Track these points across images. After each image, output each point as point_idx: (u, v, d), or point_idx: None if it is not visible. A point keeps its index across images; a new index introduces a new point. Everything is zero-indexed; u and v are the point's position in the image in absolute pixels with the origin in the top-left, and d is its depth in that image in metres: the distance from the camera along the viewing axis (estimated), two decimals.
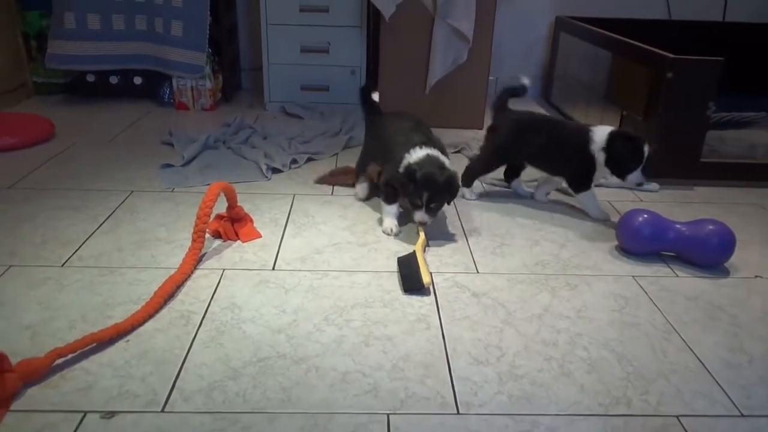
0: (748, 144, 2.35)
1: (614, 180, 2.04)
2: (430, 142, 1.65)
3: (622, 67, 2.24)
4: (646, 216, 1.56)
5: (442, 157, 1.60)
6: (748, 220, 1.80)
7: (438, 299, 1.35)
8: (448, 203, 1.61)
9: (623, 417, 1.02)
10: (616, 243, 1.61)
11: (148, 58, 2.75)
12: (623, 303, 1.36)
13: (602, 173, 1.74)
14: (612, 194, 1.97)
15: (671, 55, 1.92)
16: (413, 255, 1.45)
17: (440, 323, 1.26)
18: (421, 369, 1.12)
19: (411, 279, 1.38)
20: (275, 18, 2.65)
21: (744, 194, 2.01)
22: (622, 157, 1.67)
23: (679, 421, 1.02)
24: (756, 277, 1.49)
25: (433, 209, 1.57)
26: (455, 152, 2.30)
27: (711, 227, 1.50)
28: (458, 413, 1.02)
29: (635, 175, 1.67)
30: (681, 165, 2.03)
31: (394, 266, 1.47)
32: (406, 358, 1.15)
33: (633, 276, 1.47)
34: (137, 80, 2.83)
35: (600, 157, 1.70)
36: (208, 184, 1.62)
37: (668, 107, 1.95)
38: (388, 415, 1.01)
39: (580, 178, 1.77)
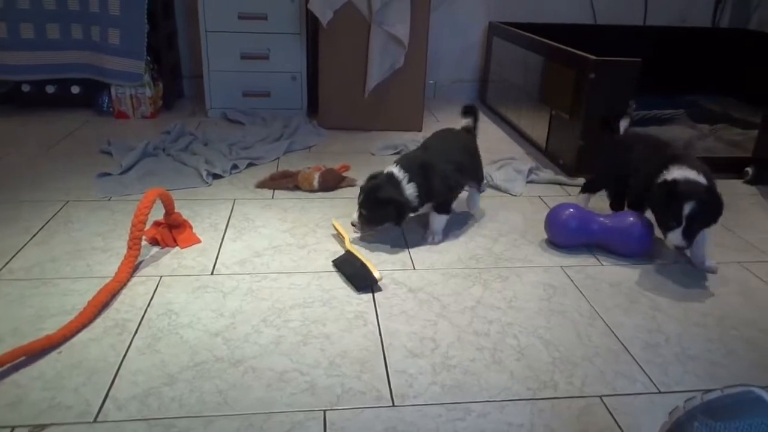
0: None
1: (545, 175, 2.10)
2: (687, 159, 1.47)
3: (551, 69, 2.31)
4: (572, 210, 1.60)
5: (701, 177, 1.41)
6: None
7: (375, 296, 1.35)
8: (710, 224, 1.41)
9: (550, 400, 1.05)
10: (545, 236, 1.65)
11: (85, 67, 2.66)
12: (551, 292, 1.39)
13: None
14: (541, 189, 2.02)
15: (593, 57, 1.98)
16: (351, 255, 1.45)
17: (377, 319, 1.26)
18: (357, 365, 1.12)
19: (362, 277, 1.37)
20: (214, 25, 2.61)
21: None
22: (658, 208, 1.43)
23: (602, 400, 1.05)
24: (675, 262, 1.55)
25: (693, 231, 1.37)
26: (395, 153, 2.32)
27: (631, 219, 1.56)
28: (393, 405, 1.02)
29: (673, 235, 1.37)
30: None
31: (333, 267, 1.47)
32: (344, 354, 1.15)
33: (561, 266, 1.51)
34: (75, 89, 2.74)
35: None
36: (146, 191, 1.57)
37: (591, 106, 2.01)
38: (324, 411, 1.00)
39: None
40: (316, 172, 1.93)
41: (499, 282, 1.43)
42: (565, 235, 1.59)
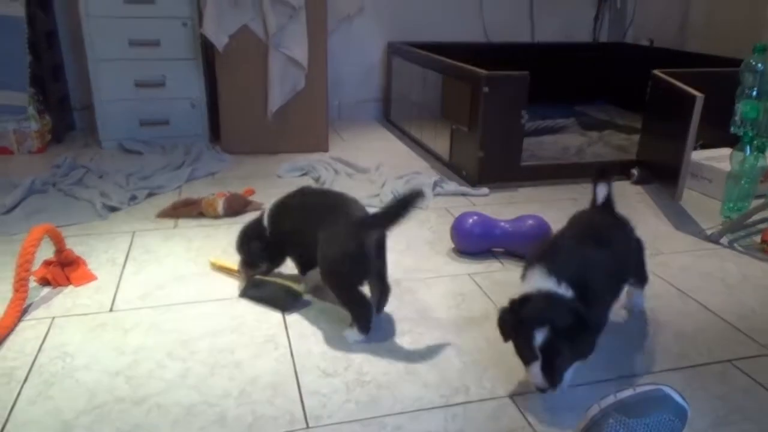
0: (562, 147, 2.59)
1: (449, 187, 2.16)
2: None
3: (448, 85, 2.39)
4: (476, 217, 1.66)
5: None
6: (565, 212, 1.95)
7: (286, 318, 1.33)
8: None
9: (462, 405, 1.07)
10: (452, 246, 1.70)
11: None
12: (460, 299, 1.43)
13: None
14: (447, 201, 2.08)
15: (485, 72, 2.08)
16: (261, 281, 1.42)
17: (288, 341, 1.24)
18: (269, 390, 1.10)
19: (282, 300, 1.35)
20: (103, 53, 2.51)
21: (560, 191, 2.21)
22: (505, 332, 1.07)
23: (512, 400, 1.08)
24: None
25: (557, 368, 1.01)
26: (302, 174, 2.31)
27: (531, 222, 1.63)
28: (307, 427, 1.01)
29: (531, 372, 1.02)
30: (505, 169, 2.20)
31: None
32: (254, 381, 1.12)
33: (468, 274, 1.55)
34: None
35: None
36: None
37: (487, 118, 2.10)
38: None
39: None
40: (220, 198, 1.89)
41: (409, 294, 1.44)
42: (471, 242, 1.64)
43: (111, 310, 1.35)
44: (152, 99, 2.62)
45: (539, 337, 0.99)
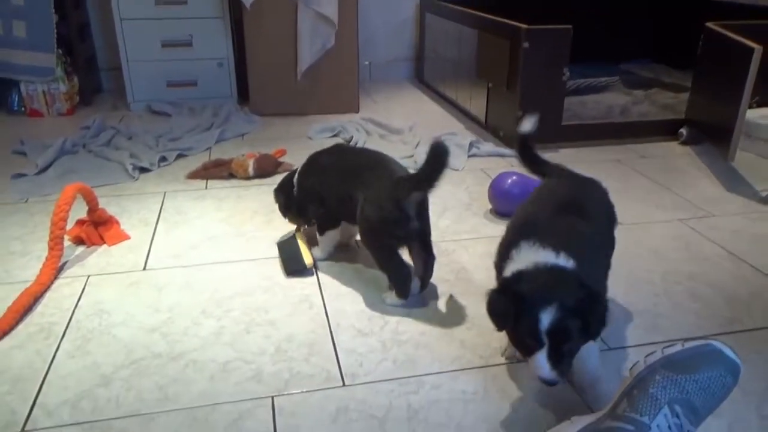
0: (606, 106, 2.53)
1: (486, 148, 2.13)
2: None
3: (486, 42, 2.34)
4: (514, 177, 1.63)
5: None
6: (608, 173, 1.94)
7: (320, 278, 1.34)
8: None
9: (502, 366, 1.07)
10: (490, 207, 1.68)
11: None
12: None
13: None
14: (483, 162, 2.05)
15: (525, 26, 2.02)
16: (293, 238, 1.44)
17: (323, 301, 1.25)
18: (305, 348, 1.11)
19: (292, 261, 1.36)
20: (129, 12, 2.52)
21: (603, 152, 2.16)
22: (498, 319, 0.92)
23: None
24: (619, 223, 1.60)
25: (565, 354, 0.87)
26: (333, 135, 2.30)
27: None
28: (344, 385, 1.02)
29: (535, 363, 0.86)
30: (545, 130, 2.13)
31: (274, 253, 1.44)
32: (290, 339, 1.13)
33: None
34: None
35: None
36: None
37: (528, 76, 2.05)
38: (272, 397, 0.99)
39: None
40: (250, 158, 1.89)
41: (446, 256, 1.44)
42: (509, 203, 1.62)
43: (144, 268, 1.38)
44: (179, 59, 2.63)
45: (546, 319, 0.83)
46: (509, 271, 0.92)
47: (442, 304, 1.25)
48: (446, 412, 0.96)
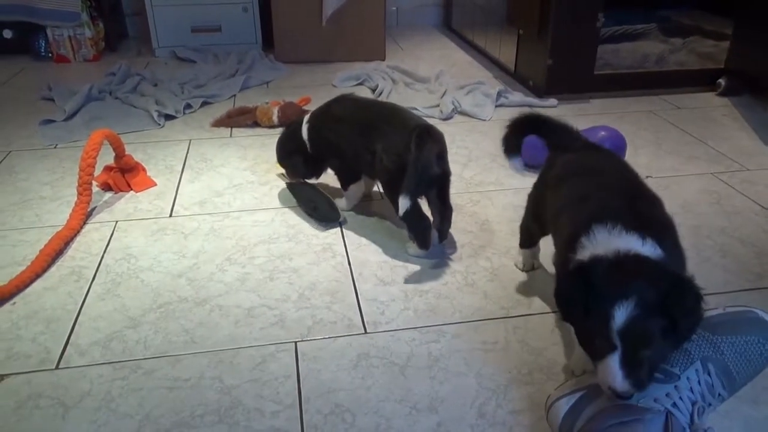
0: (641, 55, 2.44)
1: (514, 98, 2.08)
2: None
3: None
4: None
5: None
6: (640, 125, 1.89)
7: (343, 228, 1.34)
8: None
9: (524, 317, 1.07)
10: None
11: (15, 8, 2.52)
12: (523, 213, 1.40)
13: None
14: (511, 112, 2.00)
15: None
16: (310, 186, 1.42)
17: (346, 250, 1.26)
18: (327, 296, 1.13)
19: (324, 207, 1.34)
20: None
21: (636, 102, 2.09)
22: (568, 314, 0.83)
23: None
24: (647, 177, 1.57)
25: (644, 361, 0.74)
26: (358, 84, 2.27)
27: (603, 133, 1.56)
28: (366, 332, 1.03)
29: (605, 370, 0.74)
30: (576, 79, 2.09)
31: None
32: (313, 287, 1.15)
33: None
34: (7, 34, 2.60)
35: None
36: None
37: (559, 22, 1.98)
38: (295, 342, 1.01)
39: None
40: (275, 106, 1.88)
41: (470, 206, 1.43)
42: (537, 154, 1.59)
43: (171, 215, 1.40)
44: (204, 3, 2.59)
45: (621, 315, 0.71)
46: (583, 256, 0.79)
47: (464, 255, 1.25)
48: (466, 361, 0.97)
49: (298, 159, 1.41)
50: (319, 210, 1.35)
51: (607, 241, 0.79)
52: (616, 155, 1.10)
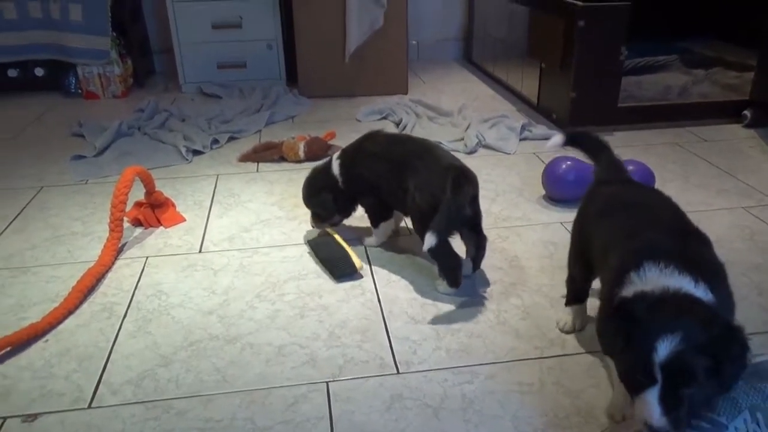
0: (664, 86, 2.43)
1: (538, 131, 2.08)
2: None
3: (538, 20, 2.27)
4: (569, 162, 1.59)
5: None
6: (666, 158, 1.87)
7: (372, 264, 1.34)
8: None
9: (558, 357, 1.05)
10: (543, 193, 1.65)
11: (47, 47, 2.59)
12: (552, 249, 1.39)
13: None
14: (535, 145, 2.01)
15: (581, 3, 1.96)
16: (331, 238, 1.37)
17: (375, 287, 1.26)
18: (358, 334, 1.12)
19: (342, 264, 1.29)
20: None
21: (661, 135, 2.08)
22: (611, 348, 0.83)
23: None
24: None
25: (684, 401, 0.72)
26: (381, 118, 2.29)
27: (631, 168, 1.55)
28: (398, 372, 1.02)
29: (643, 405, 0.72)
30: (600, 111, 2.09)
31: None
32: (343, 325, 1.14)
33: (561, 222, 1.51)
34: (38, 72, 2.67)
35: None
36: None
37: (582, 56, 1.99)
38: (327, 382, 1.00)
39: None
40: (301, 141, 1.90)
41: (499, 242, 1.42)
42: (564, 189, 1.59)
43: (200, 251, 1.41)
44: (229, 41, 2.65)
45: (663, 349, 0.69)
46: (630, 292, 0.79)
47: (495, 293, 1.23)
48: (501, 403, 0.95)
49: (328, 196, 1.38)
50: (338, 268, 1.29)
51: (658, 279, 0.78)
52: (660, 191, 1.08)
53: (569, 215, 1.52)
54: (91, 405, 0.96)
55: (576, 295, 1.12)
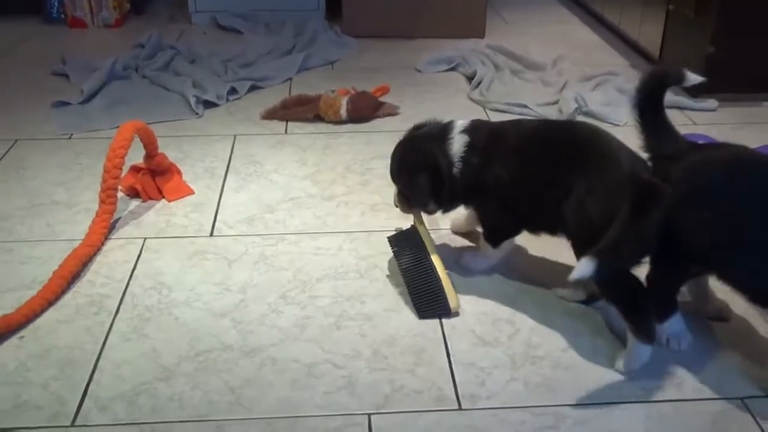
0: None
1: None
2: None
3: None
4: (701, 142, 1.57)
5: None
6: None
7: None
8: None
9: (672, 402, 1.05)
10: None
11: None
12: None
13: None
14: None
15: None
16: (424, 255, 1.27)
17: None
18: (410, 355, 1.14)
19: (431, 301, 1.23)
20: None
21: None
22: None
23: (744, 403, 1.05)
24: None
25: None
26: (449, 69, 2.29)
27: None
28: (460, 408, 1.04)
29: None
30: (746, 75, 2.05)
31: (371, 224, 1.48)
32: (391, 342, 1.17)
33: None
34: None
35: None
36: (118, 127, 1.59)
37: None
38: (369, 415, 1.03)
39: None
40: (343, 96, 1.93)
41: None
42: None
43: (211, 234, 1.45)
44: None
45: None
46: None
47: (591, 311, 1.24)
48: None
49: (428, 183, 1.26)
50: (425, 303, 1.24)
51: None
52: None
53: None
54: (74, 423, 1.02)
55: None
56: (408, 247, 1.30)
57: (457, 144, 1.24)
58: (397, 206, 1.36)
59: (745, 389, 1.08)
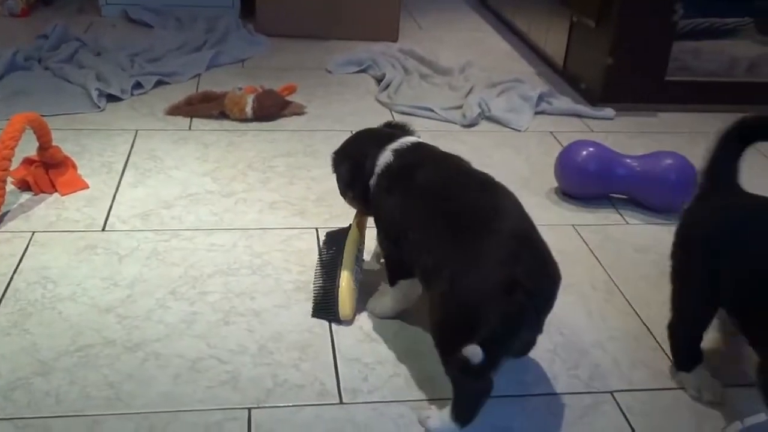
0: (729, 58, 2.48)
1: (560, 104, 2.12)
2: None
3: None
4: (592, 149, 1.63)
5: None
6: None
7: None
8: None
9: (545, 396, 1.09)
10: (555, 185, 1.69)
11: None
12: (559, 259, 1.42)
13: None
14: (554, 122, 2.05)
15: None
16: (341, 250, 1.27)
17: None
18: (296, 351, 1.15)
19: (323, 300, 1.24)
20: None
21: (716, 120, 2.08)
22: None
23: (614, 397, 1.10)
24: None
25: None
26: (359, 71, 2.32)
27: (669, 161, 1.60)
28: (341, 403, 1.06)
29: None
30: (641, 85, 2.13)
31: (268, 222, 1.49)
32: (278, 337, 1.18)
33: (573, 225, 1.55)
34: None
35: None
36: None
37: (626, 9, 2.03)
38: (249, 409, 1.04)
39: None
40: (249, 94, 1.93)
41: None
42: (582, 182, 1.63)
43: (104, 229, 1.44)
44: None
45: None
46: None
47: None
48: None
49: (349, 170, 1.24)
50: (317, 302, 1.25)
51: None
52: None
53: (585, 217, 1.58)
54: None
55: (692, 350, 1.13)
56: (333, 246, 1.30)
57: (383, 158, 1.19)
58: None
59: (616, 383, 1.13)
